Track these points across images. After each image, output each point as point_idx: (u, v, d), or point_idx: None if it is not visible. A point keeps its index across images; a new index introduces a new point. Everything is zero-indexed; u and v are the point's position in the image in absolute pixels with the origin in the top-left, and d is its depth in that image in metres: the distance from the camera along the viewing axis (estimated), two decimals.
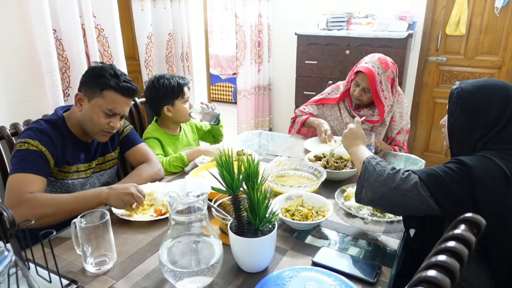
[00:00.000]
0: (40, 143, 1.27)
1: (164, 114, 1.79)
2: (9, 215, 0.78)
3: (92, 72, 1.37)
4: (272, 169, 1.52)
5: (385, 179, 1.07)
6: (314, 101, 2.18)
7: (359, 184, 1.14)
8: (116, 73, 1.37)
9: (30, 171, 1.23)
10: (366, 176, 1.12)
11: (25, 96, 1.84)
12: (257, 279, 0.93)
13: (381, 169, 1.11)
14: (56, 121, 1.37)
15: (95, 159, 1.49)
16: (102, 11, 2.07)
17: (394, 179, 1.07)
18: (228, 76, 6.24)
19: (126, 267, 1.01)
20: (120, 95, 1.37)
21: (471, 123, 1.09)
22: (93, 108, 1.35)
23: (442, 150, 3.59)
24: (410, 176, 1.06)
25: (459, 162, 1.03)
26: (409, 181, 1.05)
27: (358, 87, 1.93)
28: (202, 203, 0.90)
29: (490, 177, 0.98)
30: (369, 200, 1.11)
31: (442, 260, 0.60)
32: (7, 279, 0.66)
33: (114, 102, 1.36)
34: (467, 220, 0.71)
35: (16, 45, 1.77)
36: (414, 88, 3.52)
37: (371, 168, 1.12)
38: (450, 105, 1.14)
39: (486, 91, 1.08)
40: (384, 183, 1.07)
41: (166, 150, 1.80)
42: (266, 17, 3.84)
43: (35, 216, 1.12)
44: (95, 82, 1.34)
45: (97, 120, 1.36)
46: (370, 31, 3.20)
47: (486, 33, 3.17)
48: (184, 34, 2.77)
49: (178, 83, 1.77)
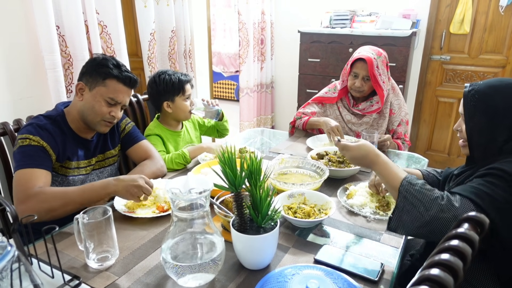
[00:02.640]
0: (41, 139, 1.28)
1: (165, 110, 1.80)
2: (12, 210, 0.78)
3: (94, 62, 1.38)
4: (275, 166, 1.52)
5: (437, 212, 0.95)
6: (314, 99, 2.18)
7: (395, 216, 1.01)
8: (118, 63, 1.39)
9: (35, 165, 1.24)
10: (406, 209, 0.99)
11: (28, 92, 1.84)
12: (259, 276, 0.93)
13: (428, 200, 0.97)
14: (56, 117, 1.38)
15: (95, 156, 1.49)
16: (105, 7, 2.07)
17: (449, 210, 0.94)
18: (230, 73, 6.22)
19: (128, 263, 1.01)
20: (122, 85, 1.38)
21: (494, 126, 1.03)
22: (95, 96, 1.36)
23: (445, 149, 3.57)
24: (465, 204, 0.95)
25: (502, 174, 0.96)
26: (465, 210, 0.94)
27: (357, 78, 1.94)
28: (205, 200, 0.90)
29: None
30: (412, 234, 1.02)
31: (446, 259, 0.59)
32: (10, 274, 0.66)
33: (116, 91, 1.37)
34: (471, 219, 0.71)
35: (19, 42, 1.77)
36: (417, 87, 3.50)
37: (413, 199, 0.98)
38: (468, 109, 1.08)
39: (505, 91, 1.04)
40: (436, 216, 0.95)
41: (167, 146, 1.80)
42: (269, 15, 3.83)
43: (45, 210, 1.14)
44: (98, 72, 1.36)
45: (98, 109, 1.37)
46: (374, 29, 3.19)
47: (491, 31, 3.15)
48: (187, 31, 2.77)
49: (179, 79, 1.77)
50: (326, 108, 2.14)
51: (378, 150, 1.14)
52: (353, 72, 1.94)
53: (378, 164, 1.10)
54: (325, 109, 2.14)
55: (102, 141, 1.52)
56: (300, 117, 2.13)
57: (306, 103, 2.20)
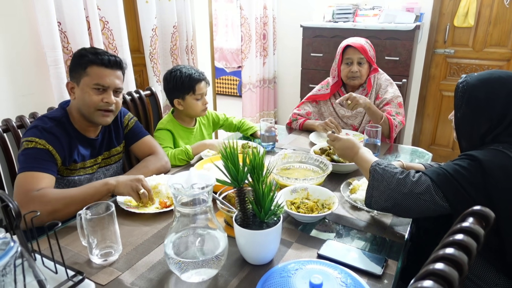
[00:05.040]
0: (47, 142, 1.27)
1: (176, 106, 1.79)
2: (15, 206, 0.78)
3: (74, 57, 1.36)
4: (277, 162, 1.51)
5: (396, 185, 1.06)
6: (307, 99, 2.18)
7: (368, 193, 1.12)
8: (96, 50, 1.36)
9: (38, 169, 1.22)
10: (375, 185, 1.10)
11: (31, 89, 1.84)
12: (262, 271, 0.93)
13: (389, 175, 1.08)
14: (61, 118, 1.36)
15: (101, 154, 1.49)
16: (106, 3, 2.06)
17: (405, 183, 1.05)
18: (233, 69, 6.22)
19: (132, 259, 1.01)
20: (104, 68, 1.34)
21: (476, 117, 1.07)
22: (83, 89, 1.34)
23: (449, 144, 3.55)
24: (422, 179, 1.04)
25: (470, 158, 1.01)
26: (421, 184, 1.03)
27: (352, 64, 1.95)
28: (207, 195, 0.90)
29: (503, 172, 0.96)
30: (381, 208, 1.10)
31: (450, 253, 0.59)
32: (13, 269, 0.66)
33: (99, 76, 1.34)
34: (476, 213, 0.70)
35: (21, 38, 1.77)
36: (421, 81, 3.48)
37: (378, 176, 1.10)
38: (456, 100, 1.12)
39: (491, 84, 1.06)
40: (395, 189, 1.06)
41: (178, 142, 1.80)
42: (271, 9, 3.81)
43: (48, 212, 1.13)
44: (79, 64, 1.34)
45: (89, 99, 1.33)
46: (377, 23, 3.16)
47: (495, 24, 3.11)
48: (189, 26, 2.76)
49: (191, 78, 1.74)
50: (320, 106, 2.14)
51: (361, 145, 1.27)
52: (346, 59, 1.95)
53: (358, 154, 1.23)
54: (319, 107, 2.14)
55: (108, 139, 1.51)
56: (296, 119, 2.14)
57: (301, 103, 2.20)
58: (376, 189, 1.10)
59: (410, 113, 3.59)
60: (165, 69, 2.68)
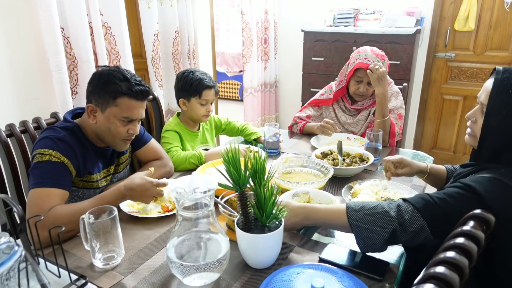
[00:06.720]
0: (61, 154, 1.20)
1: (180, 106, 1.82)
2: (19, 210, 0.79)
3: (99, 79, 1.27)
4: (279, 166, 1.52)
5: (393, 226, 0.95)
6: (310, 103, 2.18)
7: (361, 245, 0.99)
8: (126, 76, 1.27)
9: (53, 185, 1.16)
10: (366, 236, 0.97)
11: (34, 94, 1.86)
12: (264, 275, 0.93)
13: (378, 218, 0.96)
14: (73, 128, 1.29)
15: (112, 164, 1.47)
16: (109, 9, 2.08)
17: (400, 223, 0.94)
18: (234, 73, 6.24)
19: (134, 263, 1.02)
20: (135, 100, 1.28)
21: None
22: (108, 118, 1.27)
23: (450, 147, 3.55)
24: (415, 216, 0.94)
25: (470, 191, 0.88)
26: (415, 222, 0.94)
27: (362, 83, 1.93)
28: (209, 199, 0.91)
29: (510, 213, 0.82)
30: (384, 249, 1.00)
31: (451, 257, 0.59)
32: (17, 273, 0.67)
33: (129, 109, 1.28)
34: (476, 217, 0.70)
35: (24, 43, 1.78)
36: (422, 85, 3.48)
37: (365, 225, 0.96)
38: (492, 101, 0.88)
39: None
40: (394, 229, 0.95)
41: (185, 144, 1.82)
42: (273, 14, 3.83)
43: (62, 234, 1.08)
44: (106, 91, 1.25)
45: (115, 130, 1.29)
46: (378, 27, 3.17)
47: (496, 28, 3.12)
48: (191, 31, 2.78)
49: (200, 83, 1.76)
50: (322, 110, 2.14)
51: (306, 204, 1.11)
52: (357, 76, 1.93)
53: (312, 212, 1.05)
54: (321, 112, 2.14)
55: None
56: (296, 123, 2.15)
57: (303, 107, 2.21)
58: (370, 239, 0.97)
59: (411, 117, 3.60)
60: (167, 74, 2.70)
